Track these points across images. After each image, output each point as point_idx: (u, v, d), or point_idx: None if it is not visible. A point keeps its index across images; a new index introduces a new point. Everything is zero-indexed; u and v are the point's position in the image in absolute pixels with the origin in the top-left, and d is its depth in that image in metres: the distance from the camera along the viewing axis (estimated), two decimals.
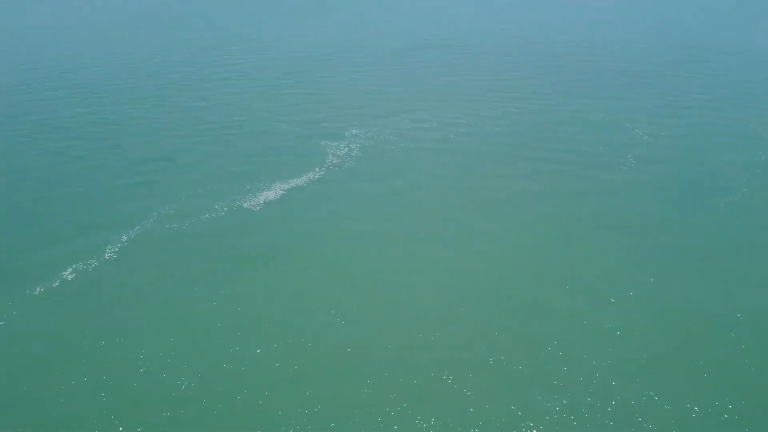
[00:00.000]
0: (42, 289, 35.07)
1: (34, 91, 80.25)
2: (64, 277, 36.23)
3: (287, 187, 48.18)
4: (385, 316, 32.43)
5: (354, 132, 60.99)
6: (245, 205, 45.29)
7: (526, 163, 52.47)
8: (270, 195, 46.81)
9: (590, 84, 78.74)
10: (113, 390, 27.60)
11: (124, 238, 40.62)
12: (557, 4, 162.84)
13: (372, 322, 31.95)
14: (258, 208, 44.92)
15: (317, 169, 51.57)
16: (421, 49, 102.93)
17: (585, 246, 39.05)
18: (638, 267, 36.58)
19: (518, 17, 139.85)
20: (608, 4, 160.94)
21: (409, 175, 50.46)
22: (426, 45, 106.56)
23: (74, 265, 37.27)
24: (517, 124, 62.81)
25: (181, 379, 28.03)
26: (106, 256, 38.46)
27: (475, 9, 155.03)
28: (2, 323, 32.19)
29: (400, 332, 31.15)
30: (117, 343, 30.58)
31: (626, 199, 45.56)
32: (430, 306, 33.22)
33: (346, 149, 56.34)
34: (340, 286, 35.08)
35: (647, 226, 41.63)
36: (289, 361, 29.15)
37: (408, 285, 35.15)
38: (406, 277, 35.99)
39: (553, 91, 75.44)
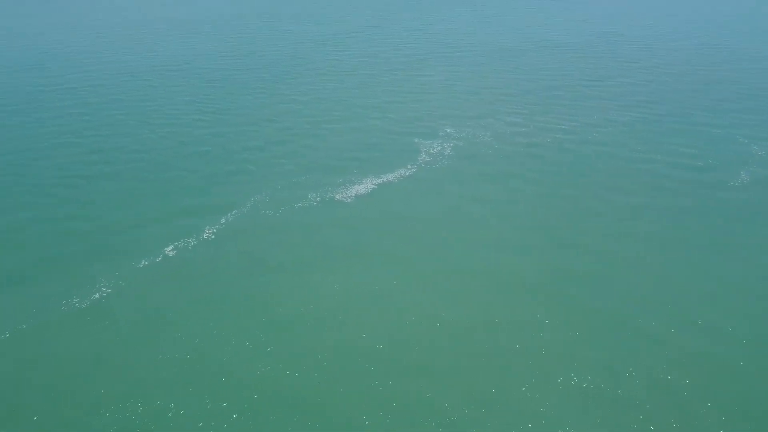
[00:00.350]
0: (146, 263, 37.66)
1: (152, 78, 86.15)
2: (166, 253, 38.71)
3: (378, 182, 48.76)
4: (464, 321, 32.03)
5: (448, 131, 60.73)
6: (337, 197, 46.31)
7: (626, 175, 49.96)
8: (361, 189, 47.57)
9: (707, 94, 73.70)
10: (199, 365, 29.14)
11: (222, 221, 42.76)
12: (681, 6, 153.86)
13: (448, 326, 31.65)
14: (349, 200, 45.79)
15: (409, 166, 51.80)
16: (528, 51, 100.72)
17: (687, 268, 36.52)
18: (749, 295, 33.78)
19: (633, 21, 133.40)
20: (741, 10, 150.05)
21: (501, 179, 49.54)
22: (533, 47, 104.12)
23: (176, 243, 39.72)
24: (620, 133, 59.97)
25: (263, 362, 29.10)
26: (205, 236, 40.68)
27: (588, 12, 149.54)
28: (110, 291, 34.86)
29: (477, 339, 30.68)
30: (206, 321, 32.24)
31: (736, 220, 42.25)
32: (511, 316, 32.45)
33: (439, 148, 56.18)
34: (421, 289, 34.94)
35: (759, 250, 38.43)
36: (363, 357, 29.48)
37: (488, 293, 34.50)
38: (488, 284, 35.34)
39: (663, 99, 71.35)
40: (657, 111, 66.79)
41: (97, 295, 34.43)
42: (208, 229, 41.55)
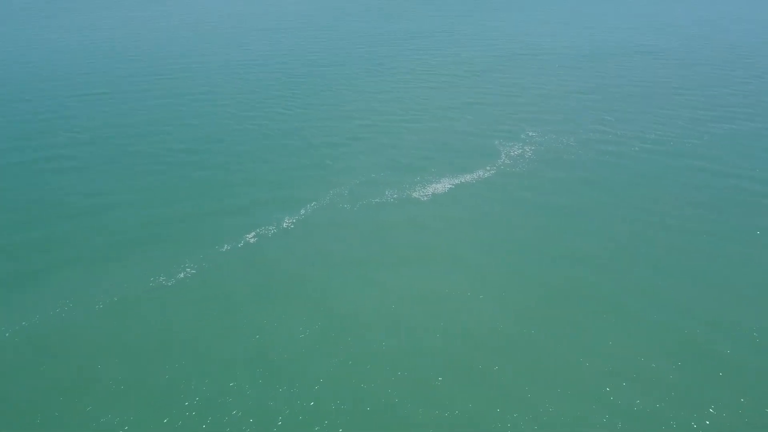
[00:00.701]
0: (228, 248, 39.35)
1: (241, 72, 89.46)
2: (248, 239, 40.29)
3: (455, 182, 48.66)
4: (527, 332, 31.57)
5: (530, 134, 59.69)
6: (413, 195, 46.60)
7: (717, 191, 47.25)
8: (438, 188, 47.65)
9: None
10: (270, 352, 30.22)
11: (302, 212, 44.00)
12: None
13: (512, 335, 31.32)
14: (424, 199, 45.98)
15: (488, 168, 51.35)
16: (619, 55, 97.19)
17: None
18: None
19: (728, 25, 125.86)
20: None
21: (580, 188, 48.09)
22: (626, 51, 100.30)
23: (257, 231, 41.28)
24: (712, 146, 56.80)
25: (330, 355, 29.81)
26: (284, 226, 42.04)
27: (690, 16, 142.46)
28: (194, 272, 36.70)
29: (540, 350, 30.19)
30: (274, 310, 33.27)
31: None
32: (577, 329, 31.72)
33: (520, 151, 55.35)
34: (487, 295, 34.63)
35: None
36: (426, 358, 29.56)
37: (553, 304, 33.81)
38: (553, 295, 34.61)
39: (764, 111, 66.96)
40: (756, 124, 62.85)
41: (181, 275, 36.33)
42: (288, 220, 42.85)
